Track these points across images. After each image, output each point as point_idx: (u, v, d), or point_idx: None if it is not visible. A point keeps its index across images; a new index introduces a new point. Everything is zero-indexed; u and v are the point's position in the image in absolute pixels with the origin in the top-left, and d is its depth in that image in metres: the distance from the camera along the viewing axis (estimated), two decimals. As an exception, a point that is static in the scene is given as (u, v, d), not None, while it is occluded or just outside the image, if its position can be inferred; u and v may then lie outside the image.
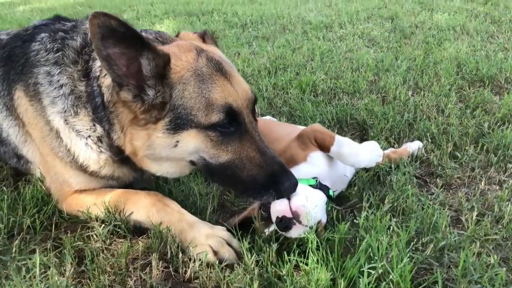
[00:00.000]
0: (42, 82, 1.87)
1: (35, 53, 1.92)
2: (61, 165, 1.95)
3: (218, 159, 1.66)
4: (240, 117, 1.66)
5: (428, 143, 2.36)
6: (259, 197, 1.68)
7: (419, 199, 1.89)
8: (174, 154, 1.68)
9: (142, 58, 1.53)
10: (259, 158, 1.66)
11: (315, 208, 1.60)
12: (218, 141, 1.64)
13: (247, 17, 5.50)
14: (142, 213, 1.81)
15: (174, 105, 1.60)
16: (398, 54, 3.75)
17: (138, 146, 1.69)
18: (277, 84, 3.33)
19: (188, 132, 1.62)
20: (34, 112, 1.91)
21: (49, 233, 1.88)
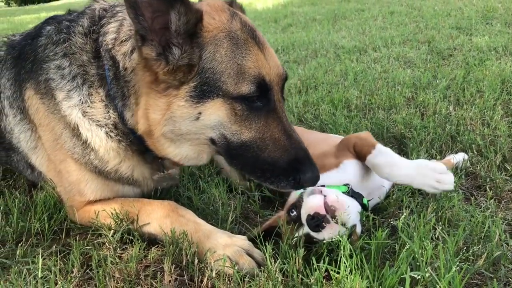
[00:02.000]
0: (54, 77, 1.76)
1: (42, 48, 1.83)
2: (75, 168, 1.81)
3: (240, 136, 1.51)
4: (271, 92, 1.51)
5: (474, 155, 2.14)
6: (276, 182, 1.51)
7: (466, 210, 1.67)
8: (195, 129, 1.51)
9: (173, 11, 1.38)
10: (285, 140, 1.52)
11: (348, 214, 1.42)
12: (243, 116, 1.49)
13: (279, 44, 5.44)
14: (155, 225, 1.65)
15: (203, 68, 1.45)
16: (437, 73, 3.56)
17: (156, 119, 1.52)
18: (308, 101, 3.18)
19: (213, 102, 1.47)
20: (46, 110, 1.79)
21: (58, 238, 1.75)
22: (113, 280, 1.44)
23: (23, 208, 1.89)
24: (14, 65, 1.94)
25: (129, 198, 1.82)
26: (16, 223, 1.77)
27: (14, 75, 1.93)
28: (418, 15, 6.30)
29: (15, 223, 1.78)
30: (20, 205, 1.87)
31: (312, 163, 1.50)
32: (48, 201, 1.89)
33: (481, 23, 5.34)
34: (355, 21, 6.53)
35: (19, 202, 1.87)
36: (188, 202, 1.90)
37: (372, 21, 6.32)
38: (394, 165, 1.65)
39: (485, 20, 5.46)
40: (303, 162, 1.50)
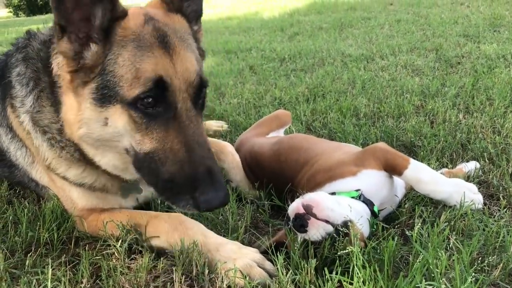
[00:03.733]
0: (15, 85, 1.78)
1: (10, 58, 1.86)
2: (57, 178, 1.84)
3: (143, 146, 1.47)
4: (171, 97, 1.45)
5: (485, 163, 2.12)
6: (173, 201, 1.47)
7: (479, 219, 1.65)
8: (108, 136, 1.50)
9: (98, 5, 1.40)
10: (183, 153, 1.43)
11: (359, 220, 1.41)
12: (143, 124, 1.45)
13: (285, 52, 5.44)
14: (163, 239, 1.63)
15: (104, 69, 1.44)
16: (445, 81, 3.54)
17: (70, 120, 1.53)
18: (316, 109, 3.17)
19: (115, 108, 1.45)
20: (19, 123, 1.82)
21: (66, 248, 1.74)
22: (122, 290, 1.42)
23: (32, 217, 1.88)
24: None
25: (136, 210, 1.81)
26: (25, 233, 1.77)
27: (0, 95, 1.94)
28: (425, 23, 6.29)
29: (24, 233, 1.77)
30: (29, 214, 1.87)
31: (216, 181, 1.41)
32: (56, 210, 1.88)
33: (489, 30, 5.32)
34: (362, 29, 6.53)
35: (28, 212, 1.87)
36: (197, 213, 1.88)
37: (378, 29, 6.32)
38: (438, 182, 1.69)
39: (493, 28, 5.45)
40: (203, 180, 1.41)
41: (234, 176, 2.14)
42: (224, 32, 8.04)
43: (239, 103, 3.59)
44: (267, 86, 4.06)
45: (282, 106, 3.37)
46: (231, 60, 5.46)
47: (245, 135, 2.43)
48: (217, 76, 4.60)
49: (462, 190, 1.68)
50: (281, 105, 3.42)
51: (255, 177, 2.13)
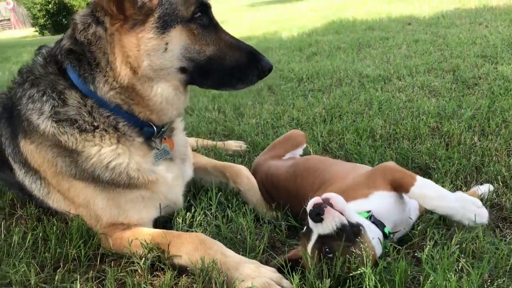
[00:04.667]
0: (28, 108, 1.92)
1: (14, 96, 2.03)
2: (80, 187, 1.93)
3: (205, 53, 1.85)
4: (209, 10, 1.89)
5: (499, 186, 2.15)
6: (247, 80, 1.92)
7: (491, 242, 1.69)
8: (166, 62, 1.81)
9: None
10: (235, 42, 1.91)
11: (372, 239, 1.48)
12: (199, 34, 1.83)
13: (303, 72, 5.52)
14: (185, 258, 1.73)
15: (162, 2, 1.76)
16: (461, 103, 3.57)
17: (134, 56, 1.78)
18: (333, 130, 3.24)
19: (175, 30, 1.78)
20: (36, 147, 1.94)
21: (93, 264, 1.83)
22: (146, 306, 1.50)
23: (59, 234, 1.98)
24: (8, 124, 2.11)
25: (159, 230, 1.89)
26: (54, 249, 1.87)
27: (10, 133, 2.10)
28: (443, 43, 6.31)
29: (53, 249, 1.87)
30: (57, 232, 1.97)
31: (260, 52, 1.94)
32: (82, 228, 1.98)
33: (507, 51, 5.33)
34: (380, 49, 6.59)
35: (56, 229, 1.97)
36: (216, 231, 1.96)
37: (396, 50, 6.37)
38: (443, 198, 1.72)
39: (511, 48, 5.46)
40: (257, 53, 1.92)
41: (250, 197, 2.23)
42: (244, 52, 8.17)
43: (258, 123, 3.68)
44: (285, 106, 4.14)
45: (300, 127, 3.45)
46: (250, 80, 5.55)
47: (260, 157, 2.51)
48: (236, 96, 4.70)
49: (467, 204, 1.70)
50: (298, 126, 3.50)
51: (272, 198, 2.20)
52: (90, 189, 1.90)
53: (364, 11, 12.12)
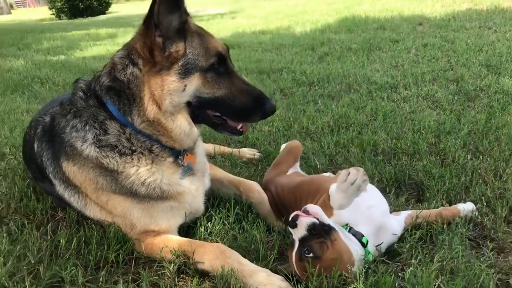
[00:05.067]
0: (72, 136, 2.26)
1: (57, 125, 2.35)
2: (118, 201, 2.27)
3: (214, 94, 2.16)
4: (226, 60, 2.20)
5: (482, 206, 2.44)
6: (248, 118, 2.28)
7: (468, 260, 1.99)
8: (182, 99, 2.13)
9: (176, 14, 2.04)
10: (246, 88, 2.21)
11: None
12: (213, 80, 2.14)
13: (315, 76, 5.78)
14: (207, 265, 2.05)
15: (186, 52, 2.09)
16: (461, 117, 3.83)
17: (159, 94, 2.10)
18: (339, 142, 3.52)
19: (194, 76, 2.10)
20: (79, 168, 2.27)
21: (129, 267, 2.16)
22: (176, 306, 1.83)
23: (98, 238, 2.31)
24: (49, 146, 2.43)
25: (185, 239, 2.22)
26: (95, 252, 2.20)
27: (52, 154, 2.42)
28: (451, 49, 6.53)
29: (94, 252, 2.20)
30: (97, 236, 2.30)
31: (267, 96, 2.24)
32: (118, 233, 2.31)
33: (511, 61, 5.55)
34: (389, 52, 6.81)
35: (96, 234, 2.30)
36: (233, 241, 2.27)
37: (405, 54, 6.59)
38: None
39: (516, 58, 5.67)
40: (262, 97, 2.22)
41: (261, 210, 2.55)
42: (257, 48, 8.43)
43: (270, 131, 3.97)
44: (296, 112, 4.42)
45: (308, 137, 3.74)
46: (263, 82, 5.83)
47: (269, 175, 2.82)
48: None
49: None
50: (307, 136, 3.78)
51: (281, 213, 2.52)
52: (128, 202, 2.23)
53: (378, 7, 12.25)
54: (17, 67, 8.19)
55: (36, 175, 2.70)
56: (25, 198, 2.80)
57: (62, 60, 8.83)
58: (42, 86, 6.48)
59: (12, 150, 3.74)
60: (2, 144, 3.91)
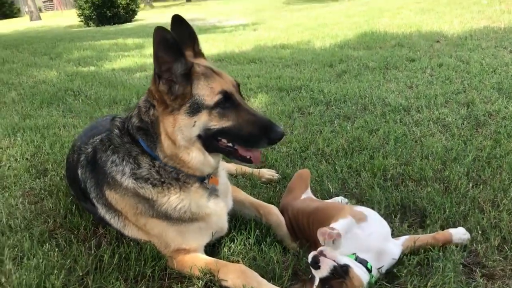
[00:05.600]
0: (112, 169, 2.63)
1: (99, 159, 2.73)
2: (155, 224, 2.61)
3: (223, 126, 2.41)
4: (232, 96, 2.44)
5: (478, 234, 2.70)
6: (255, 145, 2.49)
7: (458, 286, 2.27)
8: (193, 133, 2.41)
9: (180, 61, 2.34)
10: (252, 118, 2.43)
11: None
12: (220, 115, 2.40)
13: (332, 95, 6.06)
14: (230, 283, 2.37)
15: (192, 94, 2.38)
16: (468, 143, 4.07)
17: (171, 131, 2.42)
18: (352, 165, 3.81)
19: (201, 114, 2.38)
20: (120, 196, 2.63)
21: (163, 282, 2.50)
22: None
23: (136, 254, 2.66)
24: (92, 176, 2.81)
25: (211, 258, 2.55)
26: (134, 267, 2.54)
27: (95, 182, 2.79)
28: (465, 70, 6.73)
29: (133, 267, 2.55)
30: (136, 253, 2.65)
31: (275, 125, 2.42)
32: (153, 249, 2.65)
33: (523, 85, 5.75)
34: (405, 72, 7.05)
35: (134, 250, 2.65)
36: (253, 260, 2.59)
37: (420, 74, 6.83)
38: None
39: (527, 82, 5.86)
40: (269, 125, 2.41)
41: (279, 232, 2.87)
42: (278, 63, 8.74)
43: (288, 152, 4.28)
44: (312, 133, 4.71)
45: (324, 159, 4.04)
46: (282, 99, 6.14)
47: (285, 200, 3.13)
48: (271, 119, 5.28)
49: None
50: (323, 158, 4.08)
51: (296, 235, 2.83)
52: (164, 224, 2.58)
53: (397, 22, 12.46)
54: (51, 79, 8.66)
55: (79, 196, 3.07)
56: (70, 215, 3.17)
57: (93, 71, 9.29)
58: (76, 99, 6.90)
59: (53, 166, 4.13)
60: (44, 160, 4.31)
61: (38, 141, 4.83)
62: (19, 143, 4.83)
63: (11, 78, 8.86)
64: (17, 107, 6.58)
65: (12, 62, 11.01)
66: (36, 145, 4.73)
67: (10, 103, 6.88)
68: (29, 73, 9.37)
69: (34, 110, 6.41)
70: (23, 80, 8.71)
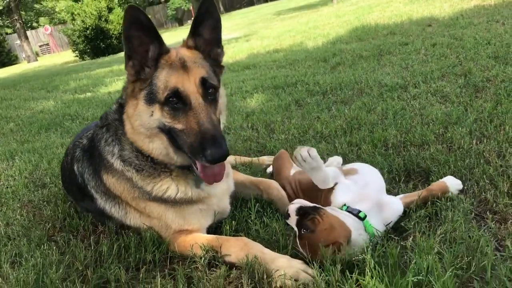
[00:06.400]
0: (105, 150, 2.58)
1: (95, 138, 2.69)
2: (153, 206, 2.55)
3: (175, 126, 2.27)
4: (187, 98, 2.25)
5: (485, 184, 2.61)
6: (195, 158, 2.25)
7: (469, 229, 2.17)
8: (151, 122, 2.31)
9: (153, 44, 2.26)
10: (197, 129, 2.20)
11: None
12: (171, 114, 2.26)
13: (327, 85, 6.01)
14: (233, 257, 2.29)
15: (151, 82, 2.29)
16: (468, 107, 3.99)
17: (130, 113, 2.36)
18: (352, 141, 3.73)
19: (155, 106, 2.28)
20: (116, 180, 2.58)
21: (165, 265, 2.42)
22: (208, 291, 2.07)
23: (136, 243, 2.58)
24: (90, 163, 2.75)
25: (212, 235, 2.47)
26: (134, 255, 2.46)
27: (93, 170, 2.73)
28: (459, 45, 6.66)
29: (133, 255, 2.46)
30: (135, 241, 2.57)
31: (216, 144, 2.14)
32: (153, 236, 2.57)
33: (519, 50, 5.66)
34: (399, 55, 7.00)
35: (134, 240, 2.57)
36: (256, 234, 2.50)
37: (415, 55, 6.77)
38: None
39: (523, 47, 5.78)
40: (208, 144, 2.14)
41: (281, 205, 2.77)
42: (272, 66, 8.73)
43: (286, 138, 4.21)
44: (310, 120, 4.65)
45: (323, 140, 3.97)
46: (279, 95, 6.09)
47: (282, 175, 3.07)
48: (267, 113, 5.24)
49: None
50: (322, 139, 4.01)
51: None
52: (162, 207, 2.52)
53: (387, 14, 12.46)
54: (48, 108, 8.69)
55: (76, 196, 3.01)
56: (68, 218, 3.10)
57: (89, 96, 9.32)
58: (73, 122, 6.89)
59: (52, 179, 4.09)
60: (42, 175, 4.27)
61: (36, 161, 4.80)
62: (17, 164, 4.80)
63: (9, 113, 8.90)
64: (15, 136, 6.58)
65: (10, 99, 11.08)
66: (34, 164, 4.70)
67: (8, 133, 6.88)
68: (27, 106, 9.42)
69: (32, 136, 6.40)
70: (21, 113, 8.74)
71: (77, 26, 25.05)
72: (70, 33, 25.68)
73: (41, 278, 2.31)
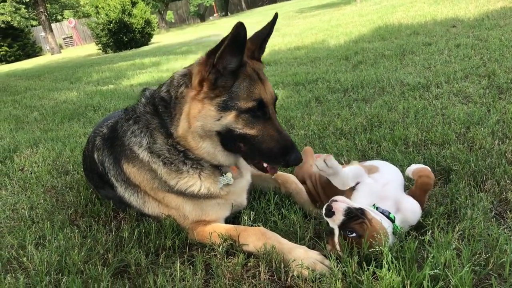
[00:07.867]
0: (131, 140, 2.61)
1: (120, 128, 2.72)
2: (172, 198, 2.60)
3: (247, 132, 2.34)
4: (266, 108, 2.36)
5: (506, 184, 2.59)
6: (271, 163, 2.41)
7: (488, 227, 2.16)
8: (215, 126, 2.35)
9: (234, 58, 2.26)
10: (277, 135, 2.35)
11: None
12: (248, 121, 2.33)
13: (349, 83, 6.00)
14: (251, 246, 2.32)
15: (231, 90, 2.31)
16: (491, 109, 3.95)
17: (194, 115, 2.37)
18: (372, 138, 3.73)
19: (230, 112, 2.31)
20: (138, 169, 2.62)
21: (184, 252, 2.46)
22: (225, 278, 2.11)
23: (156, 230, 2.63)
24: (111, 152, 2.80)
25: (230, 225, 2.51)
26: (154, 241, 2.51)
27: (113, 159, 2.78)
28: (484, 47, 6.58)
29: (153, 241, 2.52)
30: (156, 228, 2.62)
31: (296, 149, 2.35)
32: (173, 225, 2.62)
33: (544, 52, 5.58)
34: (422, 55, 6.94)
35: (154, 226, 2.62)
36: (274, 225, 2.53)
37: (438, 55, 6.70)
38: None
39: (549, 50, 5.68)
40: (290, 149, 2.34)
41: (299, 199, 2.80)
42: (293, 63, 8.74)
43: (306, 134, 4.22)
44: (330, 117, 4.66)
45: (343, 137, 3.97)
46: (299, 92, 6.11)
47: (300, 169, 3.09)
48: (287, 109, 5.26)
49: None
50: (342, 135, 4.01)
51: (316, 202, 2.76)
52: (180, 199, 2.57)
53: (411, 14, 12.34)
54: (71, 98, 8.85)
55: (97, 184, 3.08)
56: (90, 204, 3.18)
57: (111, 89, 9.46)
58: (95, 112, 7.01)
59: (74, 166, 4.18)
60: (65, 163, 4.37)
61: (60, 149, 4.90)
62: (41, 151, 4.91)
63: (33, 102, 9.09)
64: (39, 124, 6.72)
65: (34, 89, 11.31)
66: (57, 151, 4.81)
67: (32, 122, 7.03)
68: (51, 96, 9.60)
69: (56, 125, 6.53)
70: (45, 102, 8.92)
71: (101, 19, 25.36)
72: (93, 26, 26.03)
73: (64, 259, 2.38)
